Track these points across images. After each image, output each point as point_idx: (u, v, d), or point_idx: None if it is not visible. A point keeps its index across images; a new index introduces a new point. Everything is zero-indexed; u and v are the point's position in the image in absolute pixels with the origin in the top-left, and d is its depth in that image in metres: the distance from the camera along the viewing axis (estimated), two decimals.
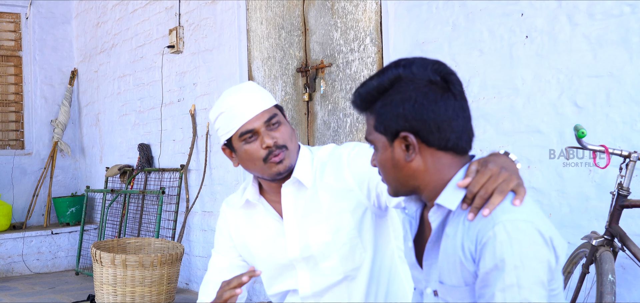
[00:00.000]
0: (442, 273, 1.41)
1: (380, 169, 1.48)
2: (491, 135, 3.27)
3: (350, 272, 1.97)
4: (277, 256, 2.01)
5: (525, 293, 1.25)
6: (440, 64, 1.41)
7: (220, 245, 2.13)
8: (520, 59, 3.14)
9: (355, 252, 1.95)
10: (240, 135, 1.89)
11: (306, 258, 1.97)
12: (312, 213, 1.95)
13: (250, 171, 1.95)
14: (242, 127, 1.88)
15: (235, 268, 2.11)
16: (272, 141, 1.88)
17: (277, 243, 2.00)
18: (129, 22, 6.38)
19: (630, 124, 2.75)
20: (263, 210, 2.02)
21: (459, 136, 1.40)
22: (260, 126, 1.88)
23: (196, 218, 5.51)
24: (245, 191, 2.03)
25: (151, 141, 6.11)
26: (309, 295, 2.00)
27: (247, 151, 1.89)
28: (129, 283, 4.42)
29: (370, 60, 3.95)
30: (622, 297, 2.80)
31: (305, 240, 1.96)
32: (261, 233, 2.03)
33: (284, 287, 2.05)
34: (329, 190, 1.94)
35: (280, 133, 1.90)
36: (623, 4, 2.77)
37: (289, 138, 1.91)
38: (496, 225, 1.28)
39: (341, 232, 1.93)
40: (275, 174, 1.90)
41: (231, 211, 2.11)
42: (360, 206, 1.94)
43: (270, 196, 2.01)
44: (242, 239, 2.08)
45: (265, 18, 4.78)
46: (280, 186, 1.96)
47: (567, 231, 2.94)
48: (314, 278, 1.98)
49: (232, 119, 1.90)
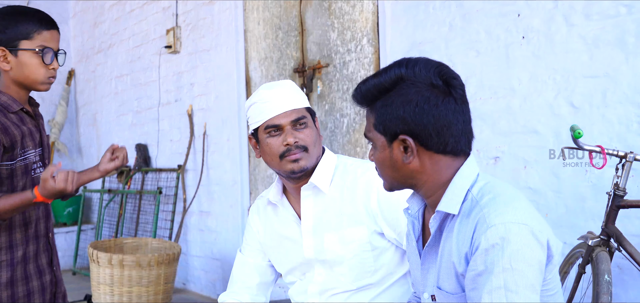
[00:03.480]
0: (440, 278, 1.41)
1: (377, 166, 1.48)
2: (488, 135, 3.27)
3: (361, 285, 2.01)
4: (295, 255, 2.09)
5: (512, 296, 1.24)
6: (443, 67, 1.41)
7: (245, 245, 2.23)
8: (516, 59, 3.14)
9: (365, 267, 1.99)
10: (265, 128, 1.95)
11: (321, 261, 2.03)
12: (328, 219, 2.00)
13: (269, 166, 2.02)
14: (268, 120, 1.94)
15: (257, 269, 2.20)
16: (294, 140, 1.94)
17: (296, 242, 2.08)
18: (126, 22, 6.37)
19: (627, 124, 2.76)
20: (283, 210, 2.10)
21: (457, 140, 1.40)
22: (286, 123, 1.94)
23: (193, 218, 5.51)
24: (270, 191, 2.12)
25: (148, 141, 6.10)
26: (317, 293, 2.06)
27: (269, 145, 1.96)
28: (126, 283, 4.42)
29: (367, 60, 3.96)
30: (618, 297, 2.81)
31: (320, 244, 2.01)
32: (281, 231, 2.11)
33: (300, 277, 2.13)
34: (352, 203, 1.98)
35: (304, 134, 1.96)
36: (619, 4, 2.77)
37: (312, 142, 1.97)
38: (489, 228, 1.29)
39: (353, 244, 1.97)
40: (289, 173, 1.95)
41: (256, 209, 2.20)
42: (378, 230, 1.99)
43: (292, 197, 2.08)
44: (264, 236, 2.17)
45: (263, 18, 4.78)
46: (299, 188, 2.01)
47: (564, 232, 2.95)
48: (328, 279, 2.04)
49: (261, 112, 1.96)
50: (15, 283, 1.98)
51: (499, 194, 1.35)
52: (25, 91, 2.05)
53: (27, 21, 1.99)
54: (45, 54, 2.00)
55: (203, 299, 5.29)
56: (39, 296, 2.04)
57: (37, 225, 2.04)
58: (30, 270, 2.02)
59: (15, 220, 1.98)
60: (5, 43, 1.98)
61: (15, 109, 1.99)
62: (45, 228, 2.07)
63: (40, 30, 2.00)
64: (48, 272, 2.08)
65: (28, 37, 1.98)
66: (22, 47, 1.98)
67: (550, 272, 1.36)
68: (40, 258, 2.05)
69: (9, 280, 1.96)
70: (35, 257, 2.04)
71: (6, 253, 1.96)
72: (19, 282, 1.99)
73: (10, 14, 1.99)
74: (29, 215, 2.01)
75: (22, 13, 2.00)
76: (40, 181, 1.89)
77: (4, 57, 1.98)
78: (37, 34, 2.00)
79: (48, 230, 2.08)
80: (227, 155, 5.05)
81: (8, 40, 1.97)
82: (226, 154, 5.06)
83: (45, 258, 2.07)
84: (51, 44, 2.02)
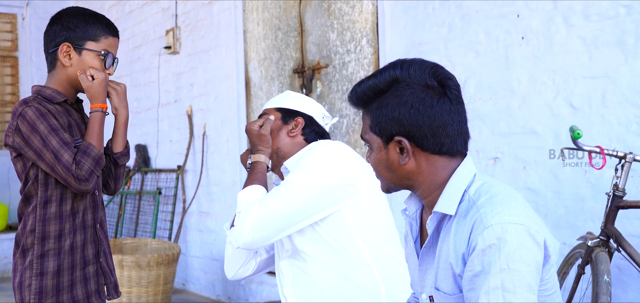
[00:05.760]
0: (438, 279, 1.41)
1: (374, 167, 1.48)
2: (487, 136, 3.27)
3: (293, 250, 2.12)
4: None
5: (509, 296, 1.24)
6: (438, 68, 1.41)
7: None
8: (516, 60, 3.14)
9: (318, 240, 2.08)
10: None
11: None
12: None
13: None
14: None
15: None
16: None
17: None
18: (126, 23, 6.38)
19: (626, 125, 2.76)
20: None
21: (453, 141, 1.40)
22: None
23: (193, 218, 5.51)
24: None
25: (148, 141, 6.10)
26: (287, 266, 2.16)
27: None
28: (125, 283, 4.42)
29: (366, 61, 3.96)
30: (617, 298, 2.81)
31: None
32: None
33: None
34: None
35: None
36: (618, 5, 2.77)
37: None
38: (486, 228, 1.28)
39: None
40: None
41: None
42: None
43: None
44: None
45: (262, 19, 4.78)
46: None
47: (563, 232, 2.95)
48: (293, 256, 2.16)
49: None
50: (61, 273, 2.02)
51: (495, 194, 1.34)
52: (74, 91, 2.11)
53: (96, 24, 2.07)
54: (107, 58, 2.08)
55: (202, 299, 5.29)
56: (81, 287, 2.07)
57: (85, 215, 2.08)
58: (76, 260, 2.06)
59: (65, 210, 2.02)
60: (72, 40, 2.04)
61: (59, 100, 2.05)
62: (92, 219, 2.11)
63: (107, 35, 2.08)
64: (93, 263, 2.11)
65: (95, 39, 2.06)
66: (87, 47, 2.05)
67: (547, 272, 1.36)
68: (87, 249, 2.09)
69: (56, 269, 2.00)
70: (82, 248, 2.07)
71: (55, 242, 2.00)
72: (65, 272, 2.03)
73: (82, 15, 2.07)
74: (77, 204, 2.05)
75: (92, 15, 2.08)
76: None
77: (67, 53, 2.04)
78: (104, 38, 2.07)
79: (95, 221, 2.12)
80: (226, 156, 5.05)
81: (75, 38, 2.04)
82: (226, 154, 5.06)
83: (92, 250, 2.11)
84: (113, 51, 2.11)
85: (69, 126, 2.03)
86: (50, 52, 2.07)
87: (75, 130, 2.06)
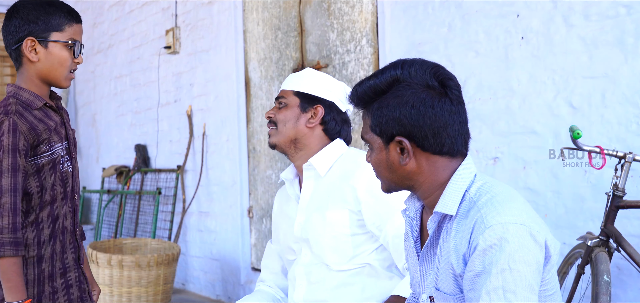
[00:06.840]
0: (438, 279, 1.41)
1: (374, 167, 1.48)
2: (487, 136, 3.27)
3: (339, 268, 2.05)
4: (289, 232, 2.18)
5: (510, 296, 1.25)
6: (439, 68, 1.41)
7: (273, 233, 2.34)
8: (515, 60, 3.14)
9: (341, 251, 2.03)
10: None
11: (304, 239, 2.09)
12: (319, 200, 2.08)
13: None
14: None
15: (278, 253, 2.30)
16: (269, 114, 2.14)
17: (292, 220, 2.18)
18: (125, 23, 6.37)
19: (626, 125, 2.76)
20: (290, 188, 2.20)
21: (453, 141, 1.40)
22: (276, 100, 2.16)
23: (192, 218, 5.51)
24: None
25: (148, 141, 6.10)
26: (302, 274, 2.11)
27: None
28: (125, 283, 4.42)
29: (366, 61, 3.96)
30: (617, 297, 2.81)
31: (306, 223, 2.09)
32: (284, 207, 2.25)
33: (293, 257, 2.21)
34: (341, 186, 2.05)
35: (281, 113, 2.11)
36: (618, 5, 2.77)
37: (282, 120, 2.10)
38: (487, 228, 1.28)
39: (333, 226, 2.02)
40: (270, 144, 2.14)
41: (278, 191, 2.34)
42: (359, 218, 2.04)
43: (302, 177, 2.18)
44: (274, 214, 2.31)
45: (262, 19, 4.78)
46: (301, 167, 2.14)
47: (563, 232, 2.95)
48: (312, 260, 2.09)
49: None
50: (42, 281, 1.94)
51: (496, 194, 1.35)
52: (47, 87, 2.00)
53: (58, 13, 1.95)
54: (75, 48, 1.97)
55: (202, 299, 5.29)
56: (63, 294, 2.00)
57: (64, 221, 2.00)
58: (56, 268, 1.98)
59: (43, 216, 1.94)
60: (35, 33, 1.93)
61: (38, 105, 1.94)
62: (71, 224, 2.03)
63: (71, 23, 1.97)
64: (74, 269, 2.04)
65: (59, 29, 1.94)
66: (53, 38, 1.94)
67: (548, 272, 1.36)
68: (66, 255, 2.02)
69: (36, 277, 1.93)
70: (61, 254, 2.00)
71: (34, 249, 1.92)
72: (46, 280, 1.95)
73: (41, 5, 1.94)
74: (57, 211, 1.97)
75: (53, 5, 1.96)
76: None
77: (33, 48, 1.93)
78: (68, 26, 1.96)
79: (74, 225, 2.04)
80: (226, 156, 5.05)
81: (38, 31, 1.93)
82: (225, 154, 5.06)
83: (72, 255, 2.04)
84: (79, 38, 2.00)
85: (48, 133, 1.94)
86: (13, 49, 1.95)
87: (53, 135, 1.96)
